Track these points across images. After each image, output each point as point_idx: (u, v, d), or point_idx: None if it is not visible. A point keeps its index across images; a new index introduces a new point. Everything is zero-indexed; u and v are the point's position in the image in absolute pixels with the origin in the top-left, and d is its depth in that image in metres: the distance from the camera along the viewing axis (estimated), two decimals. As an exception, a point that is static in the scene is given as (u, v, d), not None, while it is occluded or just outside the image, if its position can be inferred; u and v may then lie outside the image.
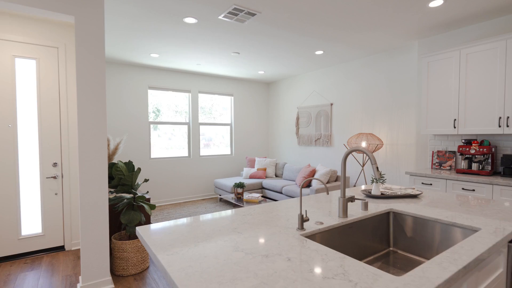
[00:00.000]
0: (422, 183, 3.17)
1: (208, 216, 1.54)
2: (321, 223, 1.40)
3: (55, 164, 3.20)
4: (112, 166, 2.78)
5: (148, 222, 3.04)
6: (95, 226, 2.32)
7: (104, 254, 2.36)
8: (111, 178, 2.81)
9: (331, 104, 5.14)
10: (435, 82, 3.35)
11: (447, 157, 3.39)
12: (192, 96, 5.74)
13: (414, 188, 2.01)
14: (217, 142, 6.23)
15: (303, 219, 1.31)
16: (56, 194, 3.21)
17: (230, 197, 4.51)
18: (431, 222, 1.51)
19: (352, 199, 1.53)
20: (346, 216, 1.51)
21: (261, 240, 1.17)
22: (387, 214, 1.69)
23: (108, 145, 3.39)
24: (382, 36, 3.66)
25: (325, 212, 1.61)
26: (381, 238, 1.65)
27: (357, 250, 1.52)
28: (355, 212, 1.61)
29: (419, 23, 3.24)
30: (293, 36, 3.66)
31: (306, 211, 1.31)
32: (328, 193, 1.45)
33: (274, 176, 5.72)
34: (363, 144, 4.09)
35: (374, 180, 1.95)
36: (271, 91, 6.72)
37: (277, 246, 1.11)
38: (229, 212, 1.62)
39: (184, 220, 1.46)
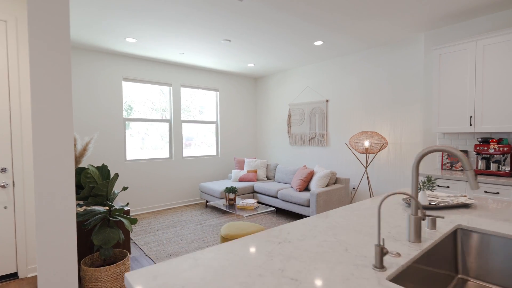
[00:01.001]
0: (438, 186, 2.92)
1: (230, 246, 1.07)
2: (398, 255, 0.99)
3: (3, 170, 2.52)
4: (80, 172, 2.19)
5: (128, 241, 2.47)
6: (58, 249, 1.75)
7: (71, 284, 1.80)
8: (79, 187, 2.22)
9: (327, 101, 4.81)
10: (448, 76, 3.11)
11: (460, 157, 3.16)
12: (173, 90, 5.13)
13: (466, 196, 1.68)
14: (198, 142, 5.68)
15: (383, 253, 0.90)
16: (5, 207, 2.53)
17: (220, 203, 4.01)
18: (523, 243, 1.16)
19: (424, 216, 1.15)
20: (420, 241, 1.12)
21: (340, 297, 0.74)
22: (453, 232, 1.33)
23: (75, 145, 2.76)
24: (387, 26, 3.38)
25: (383, 233, 1.21)
26: (449, 263, 1.29)
27: (430, 285, 1.14)
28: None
29: (430, 12, 2.99)
30: (293, 21, 3.26)
31: (383, 239, 0.89)
32: (420, 212, 1.05)
33: (266, 179, 5.28)
34: (366, 144, 3.79)
35: (422, 187, 1.60)
36: (259, 87, 6.29)
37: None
38: (255, 238, 1.16)
39: (196, 257, 0.98)
